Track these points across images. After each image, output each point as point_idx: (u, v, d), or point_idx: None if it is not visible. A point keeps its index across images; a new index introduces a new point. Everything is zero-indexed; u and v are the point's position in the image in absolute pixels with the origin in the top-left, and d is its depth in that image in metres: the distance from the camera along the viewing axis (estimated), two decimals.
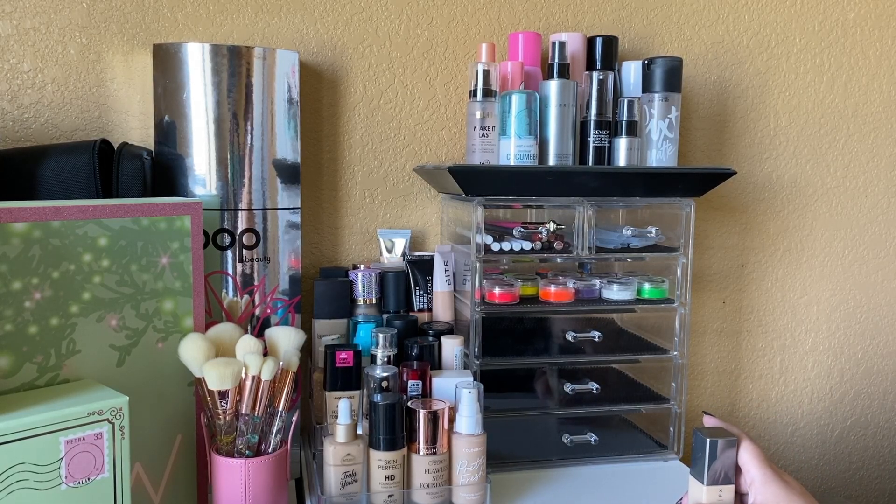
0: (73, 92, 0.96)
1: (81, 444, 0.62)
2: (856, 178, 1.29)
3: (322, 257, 1.08)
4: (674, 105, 1.02)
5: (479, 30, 1.10)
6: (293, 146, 0.95)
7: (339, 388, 0.87)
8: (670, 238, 1.03)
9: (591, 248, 0.98)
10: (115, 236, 0.72)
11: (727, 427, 0.65)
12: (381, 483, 0.80)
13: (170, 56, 0.89)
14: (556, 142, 1.00)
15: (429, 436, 0.81)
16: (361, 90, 1.07)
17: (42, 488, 0.60)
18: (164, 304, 0.77)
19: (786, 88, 1.24)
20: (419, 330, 0.97)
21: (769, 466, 0.61)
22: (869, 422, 1.37)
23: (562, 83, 0.99)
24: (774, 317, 1.29)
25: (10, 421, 0.59)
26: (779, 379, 1.31)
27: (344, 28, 1.05)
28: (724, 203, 1.23)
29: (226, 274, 0.91)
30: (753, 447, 0.62)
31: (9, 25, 0.93)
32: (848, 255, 1.31)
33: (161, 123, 0.90)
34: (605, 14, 1.14)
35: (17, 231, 0.66)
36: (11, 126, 0.94)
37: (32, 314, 0.68)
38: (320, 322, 0.97)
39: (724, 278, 1.25)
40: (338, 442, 0.79)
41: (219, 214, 0.90)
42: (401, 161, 1.09)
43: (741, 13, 1.21)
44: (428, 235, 1.11)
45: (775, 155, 1.25)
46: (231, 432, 0.76)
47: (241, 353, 0.76)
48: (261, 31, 1.02)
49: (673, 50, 1.18)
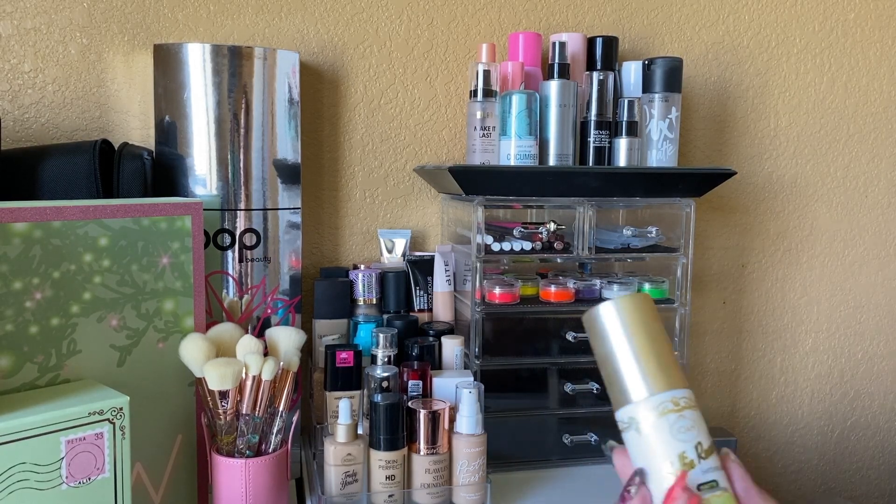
0: (73, 92, 0.96)
1: (82, 443, 0.62)
2: (856, 179, 1.29)
3: (322, 257, 1.08)
4: (674, 105, 1.02)
5: (480, 30, 1.10)
6: (294, 146, 0.95)
7: (340, 388, 0.87)
8: (670, 238, 1.03)
9: (591, 248, 0.98)
10: (115, 236, 0.73)
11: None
12: (381, 483, 0.80)
13: (170, 56, 0.89)
14: (557, 142, 1.00)
15: (429, 436, 0.81)
16: (362, 90, 1.07)
17: (43, 488, 0.60)
18: (164, 304, 0.77)
19: (786, 89, 1.24)
20: (419, 330, 0.97)
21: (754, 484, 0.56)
22: (869, 422, 1.37)
23: (562, 83, 0.99)
24: (775, 317, 1.29)
25: (11, 421, 0.59)
26: (779, 379, 1.31)
27: (344, 28, 1.05)
28: (724, 203, 1.23)
29: (226, 274, 0.91)
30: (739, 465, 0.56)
31: (9, 26, 0.93)
32: (848, 256, 1.31)
33: (161, 123, 0.90)
34: (606, 14, 1.14)
35: (18, 231, 0.66)
36: (12, 126, 0.94)
37: (33, 314, 0.68)
38: (321, 322, 0.97)
39: (725, 279, 1.25)
40: (338, 442, 0.79)
41: (219, 214, 0.90)
42: (401, 161, 1.09)
43: (741, 13, 1.21)
44: (428, 235, 1.11)
45: (775, 155, 1.25)
46: (231, 432, 0.76)
47: (242, 353, 0.76)
48: (261, 31, 1.02)
49: (673, 50, 1.18)
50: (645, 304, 0.51)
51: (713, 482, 0.47)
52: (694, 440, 0.48)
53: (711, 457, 0.48)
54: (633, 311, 0.50)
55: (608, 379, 0.51)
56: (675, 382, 0.49)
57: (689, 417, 0.48)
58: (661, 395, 0.48)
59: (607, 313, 0.50)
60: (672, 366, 0.50)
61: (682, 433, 0.48)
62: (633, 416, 0.49)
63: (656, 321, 0.51)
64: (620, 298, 0.50)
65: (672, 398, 0.48)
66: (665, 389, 0.48)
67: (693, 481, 0.47)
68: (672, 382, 0.49)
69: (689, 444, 0.48)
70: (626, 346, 0.50)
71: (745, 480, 0.49)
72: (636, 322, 0.50)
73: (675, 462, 0.47)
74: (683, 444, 0.48)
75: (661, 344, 0.50)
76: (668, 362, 0.50)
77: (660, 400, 0.48)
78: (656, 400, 0.48)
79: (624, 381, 0.49)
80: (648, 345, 0.50)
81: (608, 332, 0.50)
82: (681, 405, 0.48)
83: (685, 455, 0.47)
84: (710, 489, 0.47)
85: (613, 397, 0.51)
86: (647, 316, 0.51)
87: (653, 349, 0.50)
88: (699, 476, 0.47)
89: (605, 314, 0.51)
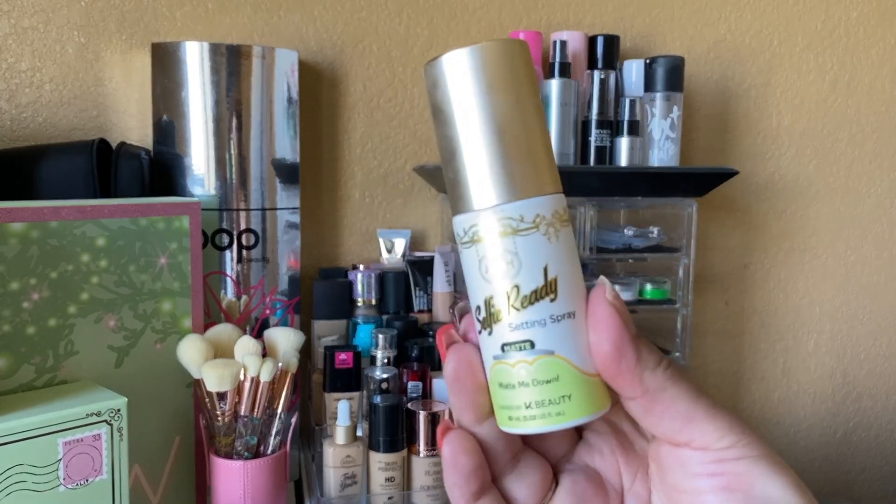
0: (71, 91, 0.95)
1: (80, 445, 0.62)
2: (859, 178, 1.29)
3: (321, 258, 1.08)
4: (676, 104, 1.02)
5: (480, 28, 1.09)
6: (292, 146, 0.95)
7: (339, 389, 0.87)
8: (672, 238, 1.03)
9: (592, 248, 0.97)
10: (113, 236, 0.72)
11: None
12: (380, 485, 0.80)
13: (168, 55, 0.88)
14: (557, 141, 1.00)
15: (429, 437, 0.81)
16: (361, 89, 1.06)
17: (40, 490, 0.60)
18: (162, 304, 0.76)
19: (788, 88, 1.24)
20: (419, 331, 0.97)
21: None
22: (872, 423, 1.36)
23: (563, 82, 0.98)
24: (777, 318, 1.28)
25: (8, 422, 0.59)
26: (781, 380, 1.30)
27: (343, 27, 1.05)
28: (726, 203, 1.23)
29: (224, 274, 0.90)
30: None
31: (6, 24, 0.93)
32: (851, 256, 1.30)
33: (159, 123, 0.89)
34: (607, 13, 1.14)
35: (15, 231, 0.66)
36: (9, 125, 0.93)
37: (30, 315, 0.67)
38: (319, 323, 0.97)
39: (727, 279, 1.25)
40: (337, 444, 0.79)
41: (217, 214, 0.89)
42: (401, 161, 1.09)
43: (743, 12, 1.20)
44: (428, 236, 1.11)
45: (778, 155, 1.25)
46: (230, 434, 0.76)
47: (240, 355, 0.76)
48: (260, 29, 1.01)
49: (675, 49, 1.17)
50: (517, 56, 0.32)
51: (524, 343, 0.32)
52: (510, 281, 0.32)
53: (539, 304, 0.31)
54: (497, 67, 0.32)
55: (450, 169, 0.33)
56: (541, 186, 0.32)
57: (520, 245, 0.32)
58: (517, 203, 0.32)
59: (456, 68, 0.32)
60: (542, 161, 0.32)
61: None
62: (475, 225, 0.32)
63: (530, 88, 0.32)
64: (483, 44, 0.32)
65: (534, 210, 0.32)
66: (525, 196, 0.32)
67: (498, 339, 0.32)
68: (539, 186, 0.32)
69: (502, 285, 0.32)
70: (477, 124, 0.32)
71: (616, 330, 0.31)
72: (500, 86, 0.32)
73: (482, 308, 0.32)
74: (492, 285, 0.32)
75: (531, 125, 0.32)
76: (537, 155, 0.32)
77: (512, 210, 0.32)
78: (507, 210, 0.32)
79: (467, 179, 0.32)
80: (512, 125, 0.32)
81: (453, 99, 0.32)
82: (521, 227, 0.32)
83: (492, 301, 0.32)
84: (518, 351, 0.32)
85: (453, 198, 0.33)
86: (519, 78, 0.32)
87: (518, 131, 0.32)
88: (506, 333, 0.32)
89: (453, 69, 0.32)
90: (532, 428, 0.32)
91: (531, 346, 0.31)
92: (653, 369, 0.31)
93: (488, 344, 0.32)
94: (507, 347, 0.32)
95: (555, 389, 0.31)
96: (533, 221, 0.32)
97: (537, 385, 0.31)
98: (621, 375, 0.31)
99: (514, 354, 0.32)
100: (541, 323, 0.32)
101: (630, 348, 0.31)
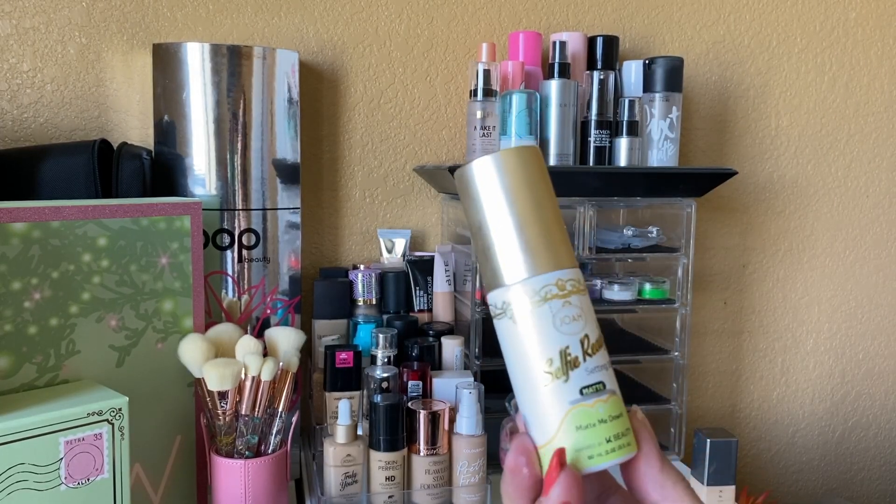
0: (72, 91, 0.96)
1: (81, 444, 0.62)
2: (857, 179, 1.29)
3: (322, 257, 1.08)
4: (675, 105, 1.02)
5: (480, 29, 1.09)
6: (293, 146, 0.95)
7: (339, 388, 0.87)
8: (671, 238, 1.03)
9: (591, 248, 0.97)
10: (114, 236, 0.72)
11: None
12: (381, 484, 0.80)
13: (169, 56, 0.89)
14: (557, 142, 1.00)
15: (429, 436, 0.81)
16: (361, 90, 1.06)
17: (42, 489, 0.60)
18: (163, 304, 0.77)
19: (787, 88, 1.24)
20: (419, 330, 0.97)
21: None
22: (870, 423, 1.37)
23: (562, 83, 0.99)
24: (776, 317, 1.28)
25: (10, 421, 0.59)
26: (780, 380, 1.30)
27: (344, 27, 1.05)
28: (725, 203, 1.23)
29: (225, 274, 0.91)
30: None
31: (8, 25, 0.93)
32: (849, 256, 1.31)
33: (160, 123, 0.90)
34: (606, 14, 1.14)
35: (17, 231, 0.66)
36: (11, 126, 0.94)
37: (32, 314, 0.67)
38: (320, 322, 0.97)
39: (726, 279, 1.25)
40: (338, 443, 0.79)
41: (218, 214, 0.89)
42: (401, 161, 1.09)
43: (742, 13, 1.20)
44: (428, 235, 1.11)
45: (776, 155, 1.25)
46: (231, 433, 0.76)
47: (241, 354, 0.76)
48: (260, 30, 1.01)
49: (674, 50, 1.17)
50: (532, 160, 0.40)
51: (599, 384, 0.38)
52: (580, 332, 0.38)
53: (599, 352, 0.39)
54: (517, 169, 0.40)
55: (481, 253, 0.41)
56: (561, 261, 0.39)
57: (577, 305, 0.39)
58: (544, 276, 0.39)
59: (483, 171, 0.40)
60: (559, 241, 0.40)
61: (567, 324, 0.39)
62: (506, 300, 0.39)
63: (544, 184, 0.41)
64: (502, 152, 0.40)
65: (557, 280, 0.39)
66: (549, 270, 0.39)
67: (576, 384, 0.38)
68: (558, 261, 0.39)
69: (575, 337, 0.38)
70: (504, 214, 0.39)
71: (650, 443, 0.40)
72: (519, 184, 0.39)
73: (555, 360, 0.38)
74: (567, 337, 0.38)
75: (548, 213, 0.40)
76: (555, 236, 0.40)
77: (541, 282, 0.39)
78: (537, 282, 0.39)
79: (497, 258, 0.39)
80: (532, 213, 0.39)
81: (482, 194, 0.40)
82: (567, 289, 0.39)
83: (568, 351, 0.38)
84: (594, 392, 0.38)
85: (486, 277, 0.41)
86: (534, 176, 0.40)
87: (537, 218, 0.39)
88: (583, 377, 0.38)
89: (481, 172, 0.40)
90: (612, 460, 0.38)
91: (604, 387, 0.38)
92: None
93: (563, 391, 0.38)
94: (585, 390, 0.38)
95: (622, 423, 0.38)
96: (582, 284, 0.40)
97: (612, 421, 0.38)
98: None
99: (592, 396, 0.38)
100: (605, 367, 0.39)
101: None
